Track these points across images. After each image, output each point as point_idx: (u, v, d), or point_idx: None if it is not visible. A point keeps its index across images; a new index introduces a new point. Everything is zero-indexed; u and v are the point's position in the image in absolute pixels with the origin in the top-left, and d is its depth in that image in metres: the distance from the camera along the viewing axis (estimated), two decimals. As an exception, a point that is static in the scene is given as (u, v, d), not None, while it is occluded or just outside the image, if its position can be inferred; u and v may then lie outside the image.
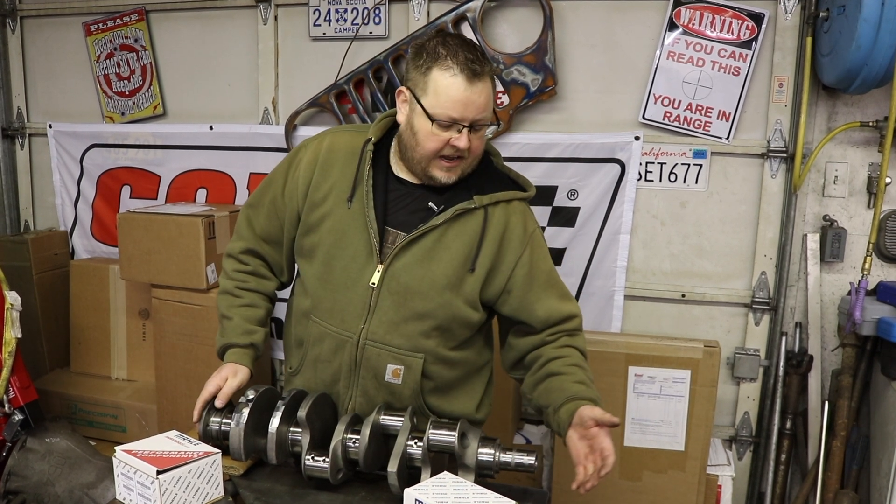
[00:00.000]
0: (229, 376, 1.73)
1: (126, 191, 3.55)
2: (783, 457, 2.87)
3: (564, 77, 2.91)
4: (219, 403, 1.68)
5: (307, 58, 3.20)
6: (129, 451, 1.53)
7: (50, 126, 3.60)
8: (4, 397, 2.72)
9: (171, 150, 3.44)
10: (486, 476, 1.53)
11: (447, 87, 1.57)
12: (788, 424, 2.85)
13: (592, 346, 2.63)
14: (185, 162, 3.43)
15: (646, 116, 2.86)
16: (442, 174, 1.66)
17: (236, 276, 1.88)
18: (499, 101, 2.92)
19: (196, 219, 2.90)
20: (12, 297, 2.77)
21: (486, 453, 1.52)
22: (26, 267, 3.41)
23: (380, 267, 1.68)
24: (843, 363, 2.73)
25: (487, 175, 1.76)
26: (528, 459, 1.51)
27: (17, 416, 2.75)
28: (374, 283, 1.68)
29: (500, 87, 2.90)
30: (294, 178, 1.78)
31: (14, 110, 3.68)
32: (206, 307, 2.91)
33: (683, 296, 2.95)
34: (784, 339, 2.85)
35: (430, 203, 1.70)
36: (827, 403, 2.74)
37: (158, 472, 1.46)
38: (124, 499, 1.55)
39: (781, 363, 2.85)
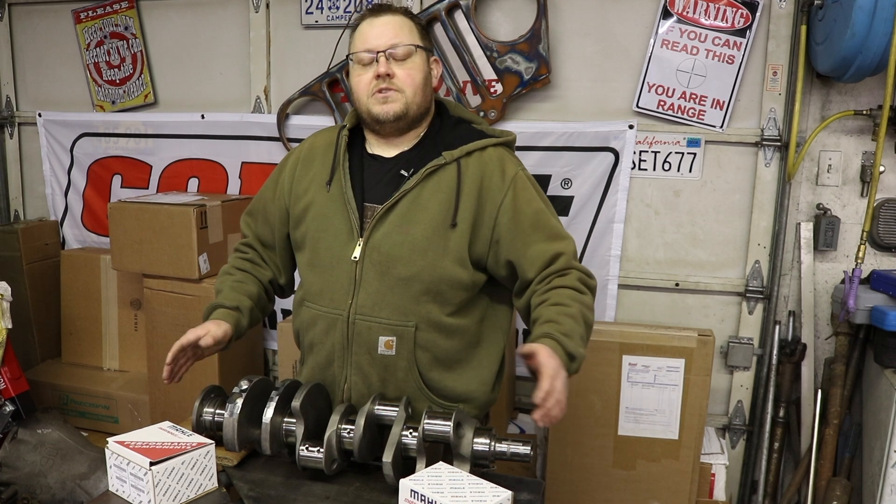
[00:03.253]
0: (211, 328, 1.73)
1: (117, 180, 3.52)
2: (776, 445, 2.88)
3: (558, 65, 2.89)
4: (202, 342, 1.69)
5: (299, 46, 3.17)
6: (121, 443, 1.52)
7: (39, 115, 3.57)
8: (-5, 388, 2.71)
9: (163, 138, 3.41)
10: (481, 466, 1.52)
11: (359, 31, 1.73)
12: (781, 413, 2.86)
13: (586, 336, 2.67)
14: (177, 151, 3.41)
15: (639, 105, 2.85)
16: (379, 108, 1.69)
17: (235, 261, 1.94)
18: (492, 90, 2.90)
19: (188, 208, 2.88)
20: (2, 288, 2.75)
21: (481, 443, 1.51)
22: (16, 257, 3.39)
23: (360, 241, 1.70)
24: (836, 352, 2.74)
25: (460, 133, 1.76)
26: (524, 449, 1.50)
27: (9, 408, 2.73)
28: (355, 258, 1.69)
29: (493, 76, 2.89)
30: (281, 181, 1.86)
31: (3, 99, 3.65)
32: (199, 297, 2.89)
33: (677, 285, 2.95)
34: (777, 327, 2.85)
35: (401, 171, 1.72)
36: (820, 392, 2.75)
37: (151, 464, 1.45)
38: (117, 490, 1.54)
39: (775, 352, 2.85)
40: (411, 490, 1.27)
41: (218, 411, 1.64)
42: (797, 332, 2.87)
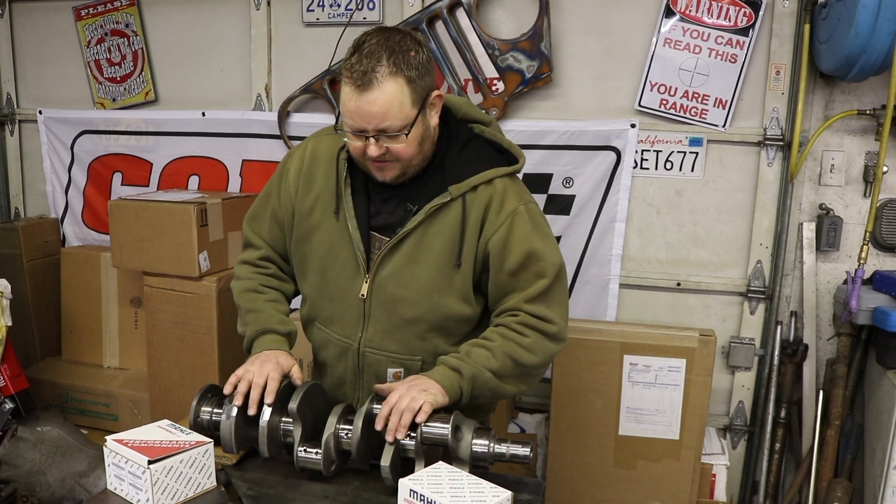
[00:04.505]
0: (288, 362, 1.66)
1: (117, 178, 3.52)
2: (777, 446, 2.87)
3: (560, 64, 2.88)
4: (269, 400, 1.56)
5: (300, 43, 3.16)
6: (119, 441, 1.51)
7: (40, 112, 3.56)
8: (-5, 386, 2.70)
9: (163, 136, 3.40)
10: (480, 468, 1.51)
11: (344, 97, 1.53)
12: (783, 413, 2.85)
13: (587, 335, 2.67)
14: (178, 149, 3.40)
15: (642, 104, 2.83)
16: (378, 174, 1.62)
17: (257, 276, 1.86)
18: (494, 88, 2.89)
19: (188, 206, 2.87)
20: (2, 285, 2.74)
21: (480, 444, 1.50)
22: (16, 255, 3.38)
23: (367, 277, 1.68)
24: (838, 352, 2.73)
25: (467, 156, 1.66)
26: (523, 450, 1.49)
27: (8, 405, 2.72)
28: (363, 295, 1.69)
29: (495, 74, 2.88)
30: (286, 189, 1.79)
31: (3, 96, 3.64)
32: (199, 295, 2.88)
33: (679, 284, 2.94)
34: (779, 328, 2.84)
35: (407, 204, 1.66)
36: (821, 393, 2.74)
37: (150, 462, 1.44)
38: (115, 489, 1.53)
39: (776, 352, 2.84)
40: (411, 490, 1.26)
41: (215, 411, 1.63)
42: (799, 332, 2.86)
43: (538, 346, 1.64)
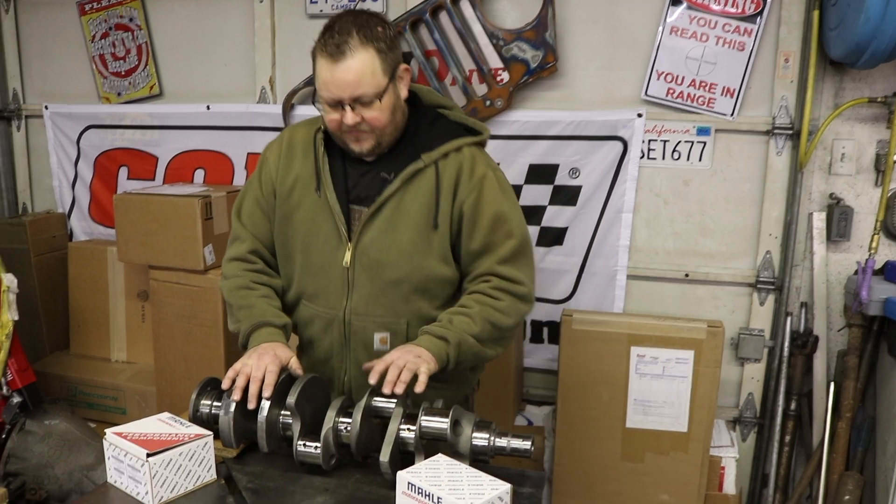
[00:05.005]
0: (286, 354, 1.66)
1: (123, 172, 3.52)
2: (787, 438, 2.84)
3: (565, 53, 2.85)
4: (267, 394, 1.55)
5: (304, 36, 3.13)
6: (119, 434, 1.51)
7: (46, 107, 3.56)
8: (2, 380, 2.71)
9: (169, 130, 3.40)
10: (481, 461, 1.50)
11: (319, 71, 1.63)
12: (793, 405, 2.82)
13: (595, 327, 2.65)
14: (183, 142, 3.40)
15: (648, 93, 2.80)
16: (354, 145, 1.70)
17: (247, 273, 1.86)
18: (498, 79, 2.86)
19: (193, 199, 2.86)
20: (8, 280, 2.75)
21: (480, 438, 1.48)
22: (24, 249, 3.39)
23: (350, 245, 1.74)
24: (849, 343, 2.69)
25: (437, 130, 1.76)
26: (524, 444, 1.47)
27: (16, 399, 2.74)
28: (346, 263, 1.75)
29: (499, 64, 2.85)
30: (268, 175, 1.85)
31: (10, 91, 3.65)
32: (204, 288, 2.88)
33: (687, 275, 2.91)
34: (789, 319, 2.81)
35: (382, 173, 1.74)
36: (832, 384, 2.71)
37: (148, 455, 1.43)
38: (115, 482, 1.53)
39: (786, 344, 2.81)
40: (409, 483, 1.25)
41: (215, 404, 1.62)
42: (809, 323, 2.83)
43: (512, 309, 1.73)
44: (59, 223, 3.58)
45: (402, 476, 1.26)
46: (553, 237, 2.98)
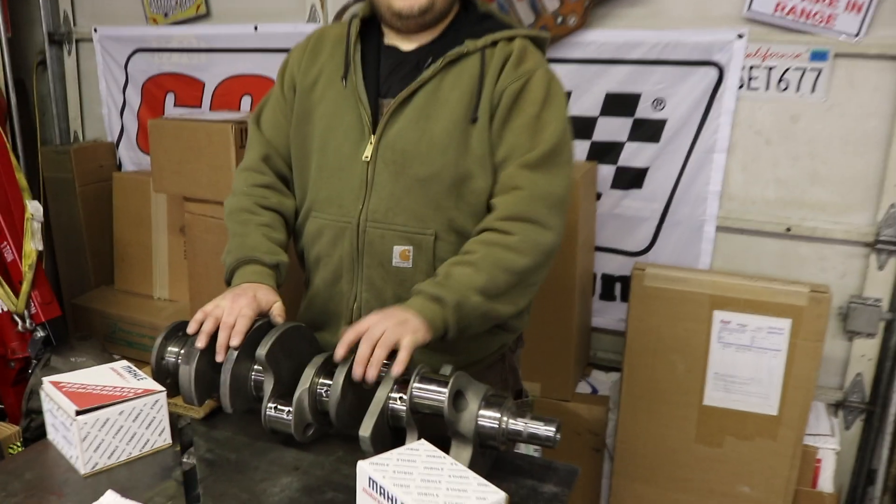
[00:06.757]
0: (268, 298, 1.40)
1: (170, 98, 3.32)
2: (902, 429, 2.39)
3: (654, -40, 2.42)
4: (234, 342, 1.28)
5: (357, -55, 2.81)
6: (56, 384, 1.26)
7: (95, 30, 3.39)
8: (25, 313, 2.57)
9: (215, 53, 3.17)
10: (490, 448, 1.16)
11: None
12: (912, 391, 2.36)
13: (671, 284, 2.26)
14: (230, 66, 3.16)
15: (752, 8, 2.34)
16: (403, 2, 1.46)
17: (254, 190, 1.61)
18: (571, -10, 2.46)
19: (226, 125, 2.60)
20: (33, 208, 2.58)
21: (488, 417, 1.14)
22: (69, 179, 3.28)
23: (372, 138, 1.49)
24: None
25: (485, 25, 1.55)
26: (546, 430, 1.12)
27: (40, 333, 2.60)
28: (367, 157, 1.49)
29: (573, -27, 2.44)
30: (290, 74, 1.64)
31: (60, 14, 3.49)
32: (238, 224, 2.65)
33: (789, 230, 2.46)
34: (914, 287, 2.33)
35: (419, 66, 1.50)
36: (965, 368, 2.24)
37: (78, 413, 1.17)
38: (52, 439, 1.29)
39: (909, 317, 2.34)
40: (369, 478, 0.93)
41: (182, 352, 1.35)
42: (940, 293, 2.34)
43: (526, 243, 1.41)
44: (107, 152, 3.44)
45: (363, 468, 0.95)
46: (631, 179, 2.60)
